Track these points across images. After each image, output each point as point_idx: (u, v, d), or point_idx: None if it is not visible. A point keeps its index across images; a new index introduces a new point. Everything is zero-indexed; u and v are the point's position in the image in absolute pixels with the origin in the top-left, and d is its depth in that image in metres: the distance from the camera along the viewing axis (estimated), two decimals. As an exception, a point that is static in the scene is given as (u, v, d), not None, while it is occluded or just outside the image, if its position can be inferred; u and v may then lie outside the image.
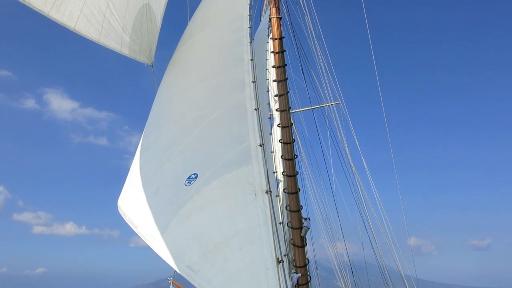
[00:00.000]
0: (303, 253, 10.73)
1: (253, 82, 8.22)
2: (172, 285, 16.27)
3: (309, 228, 10.65)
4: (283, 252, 6.93)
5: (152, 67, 11.68)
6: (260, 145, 7.41)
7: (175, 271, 7.29)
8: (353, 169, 16.90)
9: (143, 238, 7.35)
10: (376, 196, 16.04)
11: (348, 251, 21.22)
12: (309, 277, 10.75)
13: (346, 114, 17.67)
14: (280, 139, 11.26)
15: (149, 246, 7.22)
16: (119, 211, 8.12)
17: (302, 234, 10.52)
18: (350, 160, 17.09)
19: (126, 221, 7.80)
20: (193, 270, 6.82)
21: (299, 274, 10.32)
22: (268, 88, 11.67)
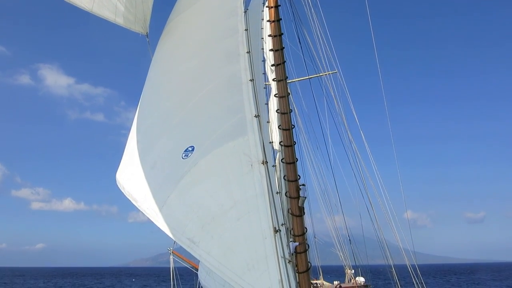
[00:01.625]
0: (301, 222, 10.86)
1: (247, 52, 8.11)
2: (172, 255, 16.65)
3: (305, 198, 10.74)
4: (280, 221, 7.03)
5: (147, 37, 11.49)
6: (256, 116, 7.38)
7: (174, 242, 7.44)
8: (350, 137, 16.93)
9: (144, 212, 7.43)
10: (373, 163, 16.12)
11: (346, 224, 21.54)
12: (307, 245, 10.93)
13: (343, 83, 17.57)
14: (277, 109, 11.21)
15: (147, 222, 7.34)
16: (118, 185, 8.17)
17: (299, 205, 10.61)
18: (347, 129, 17.11)
19: (126, 195, 7.86)
20: (193, 242, 6.94)
21: (297, 243, 10.48)
22: (264, 57, 11.54)
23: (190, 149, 7.52)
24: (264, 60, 10.71)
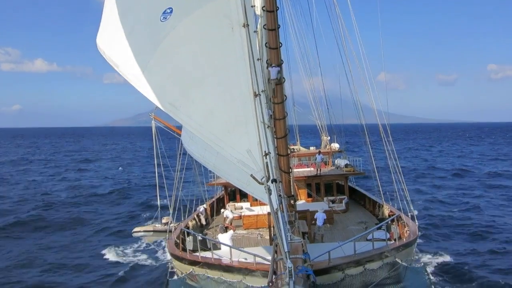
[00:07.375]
0: (281, 90, 11.02)
1: None
2: (154, 120, 17.15)
3: (280, 74, 10.83)
4: (261, 87, 7.10)
5: None
6: None
7: (156, 106, 7.54)
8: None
9: (125, 78, 7.37)
10: (354, 22, 15.80)
11: (324, 86, 22.09)
12: (286, 113, 11.27)
13: None
14: (260, -30, 10.54)
15: (124, 83, 7.32)
16: (99, 50, 7.93)
17: (277, 77, 10.68)
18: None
19: (107, 60, 7.68)
20: (175, 106, 7.06)
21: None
22: None
23: (168, 11, 7.19)
24: None
